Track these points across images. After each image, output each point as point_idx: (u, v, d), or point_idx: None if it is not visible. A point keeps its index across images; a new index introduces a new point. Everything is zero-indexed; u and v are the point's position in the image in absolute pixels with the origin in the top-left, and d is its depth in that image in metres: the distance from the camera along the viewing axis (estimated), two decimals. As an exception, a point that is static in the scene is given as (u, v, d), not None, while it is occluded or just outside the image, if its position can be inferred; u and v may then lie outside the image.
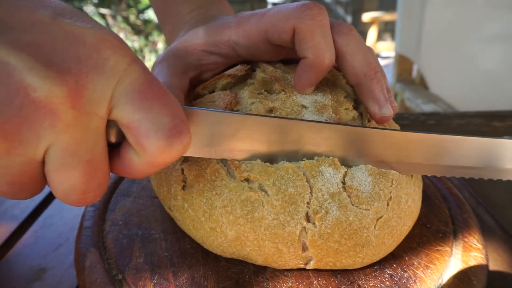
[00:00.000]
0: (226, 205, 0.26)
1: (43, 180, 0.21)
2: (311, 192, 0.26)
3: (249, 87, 0.31)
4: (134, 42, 2.49)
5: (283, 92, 0.30)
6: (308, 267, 0.27)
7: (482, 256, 0.29)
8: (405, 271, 0.28)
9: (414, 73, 1.30)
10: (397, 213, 0.27)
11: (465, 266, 0.28)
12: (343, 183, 0.26)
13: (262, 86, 0.31)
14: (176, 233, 0.31)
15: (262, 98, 0.30)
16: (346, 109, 0.30)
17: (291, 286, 0.27)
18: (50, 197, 0.43)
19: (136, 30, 2.56)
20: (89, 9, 2.58)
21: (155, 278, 0.27)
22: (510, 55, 1.13)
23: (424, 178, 0.39)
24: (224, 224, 0.26)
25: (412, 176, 0.30)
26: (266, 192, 0.26)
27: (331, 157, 0.27)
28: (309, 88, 0.29)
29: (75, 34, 0.19)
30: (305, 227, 0.26)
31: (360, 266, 0.28)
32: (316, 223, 0.25)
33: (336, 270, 0.28)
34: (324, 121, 0.28)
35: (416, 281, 0.27)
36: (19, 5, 0.18)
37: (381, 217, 0.27)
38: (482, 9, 1.11)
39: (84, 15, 0.21)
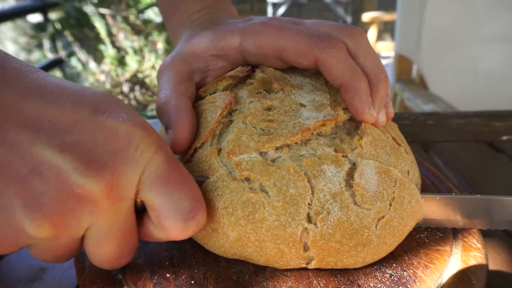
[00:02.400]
0: (227, 206, 0.26)
1: (80, 247, 0.24)
2: (312, 193, 0.26)
3: (248, 86, 0.31)
4: (134, 42, 2.49)
5: (281, 91, 0.30)
6: (309, 266, 0.27)
7: (481, 255, 0.29)
8: (405, 271, 0.28)
9: (414, 73, 1.30)
10: (400, 214, 0.28)
11: (464, 265, 0.28)
12: (347, 180, 0.26)
13: (261, 85, 0.31)
14: (176, 233, 0.31)
15: (260, 97, 0.30)
16: (344, 108, 0.30)
17: (290, 286, 0.27)
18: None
19: (136, 30, 2.56)
20: (89, 9, 2.57)
21: (155, 278, 0.27)
22: (510, 55, 1.13)
23: (424, 178, 0.39)
24: (225, 226, 0.26)
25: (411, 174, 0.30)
26: (267, 193, 0.26)
27: (333, 153, 0.27)
28: (370, 108, 0.28)
29: (109, 129, 0.21)
30: (306, 228, 0.26)
31: (361, 265, 0.28)
32: (318, 224, 0.25)
33: (336, 270, 0.28)
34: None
35: (416, 280, 0.27)
36: (64, 106, 0.21)
37: (383, 217, 0.27)
38: (482, 9, 1.11)
39: (117, 103, 0.23)
